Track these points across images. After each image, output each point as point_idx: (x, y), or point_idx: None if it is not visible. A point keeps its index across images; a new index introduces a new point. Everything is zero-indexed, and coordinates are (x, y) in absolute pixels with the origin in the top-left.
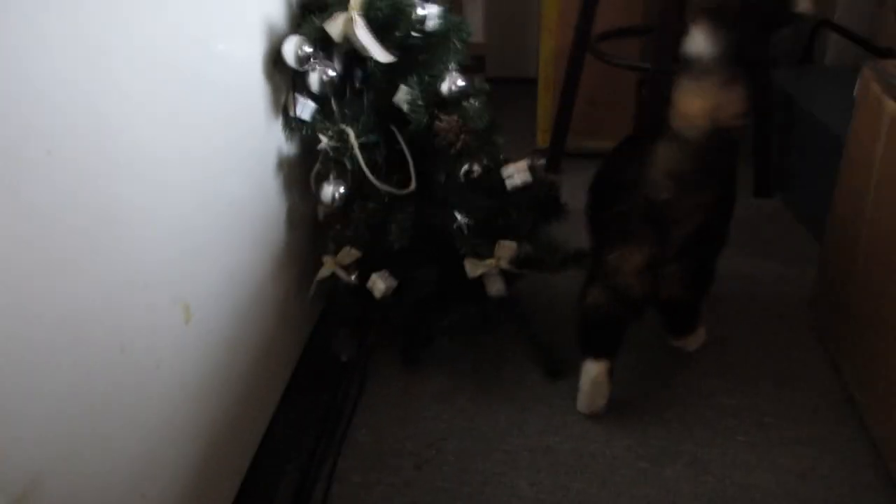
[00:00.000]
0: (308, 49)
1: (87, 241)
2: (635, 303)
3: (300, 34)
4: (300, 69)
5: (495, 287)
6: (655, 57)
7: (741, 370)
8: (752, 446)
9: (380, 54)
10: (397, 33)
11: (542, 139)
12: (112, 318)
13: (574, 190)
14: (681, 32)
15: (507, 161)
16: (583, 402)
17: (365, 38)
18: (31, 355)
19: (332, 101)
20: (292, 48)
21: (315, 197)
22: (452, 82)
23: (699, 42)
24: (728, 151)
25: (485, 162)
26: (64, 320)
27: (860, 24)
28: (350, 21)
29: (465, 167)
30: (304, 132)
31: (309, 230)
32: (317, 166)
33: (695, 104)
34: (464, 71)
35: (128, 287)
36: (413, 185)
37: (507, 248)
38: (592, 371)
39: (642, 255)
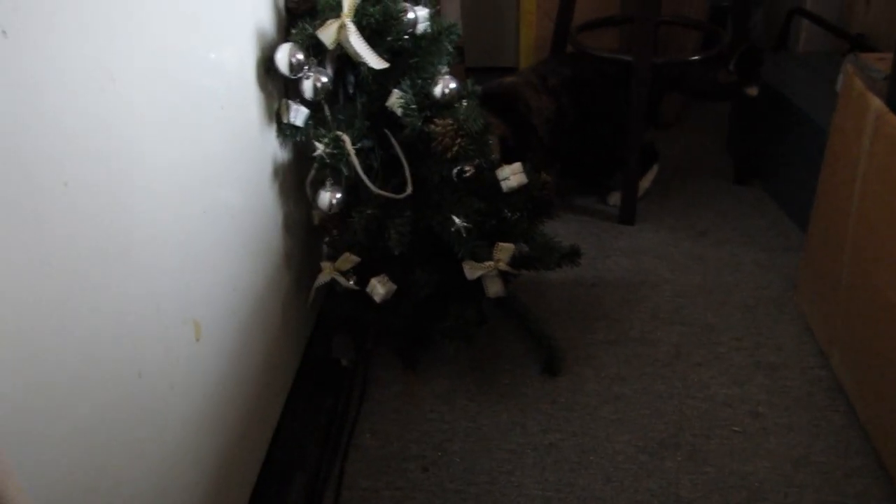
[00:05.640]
0: (300, 56)
1: (104, 268)
2: None
3: (292, 41)
4: (293, 77)
5: (494, 288)
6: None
7: (732, 360)
8: (747, 436)
9: (373, 61)
10: (389, 38)
11: None
12: (130, 344)
13: None
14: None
15: (501, 162)
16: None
17: (358, 44)
18: (53, 389)
19: (325, 107)
20: (285, 56)
21: (311, 203)
22: (445, 85)
23: None
24: None
25: (478, 161)
26: (84, 349)
27: (832, 11)
28: (342, 28)
29: (459, 167)
30: (297, 138)
31: (303, 235)
32: (312, 173)
33: None
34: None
35: (143, 311)
36: (409, 189)
37: (505, 250)
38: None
39: None
